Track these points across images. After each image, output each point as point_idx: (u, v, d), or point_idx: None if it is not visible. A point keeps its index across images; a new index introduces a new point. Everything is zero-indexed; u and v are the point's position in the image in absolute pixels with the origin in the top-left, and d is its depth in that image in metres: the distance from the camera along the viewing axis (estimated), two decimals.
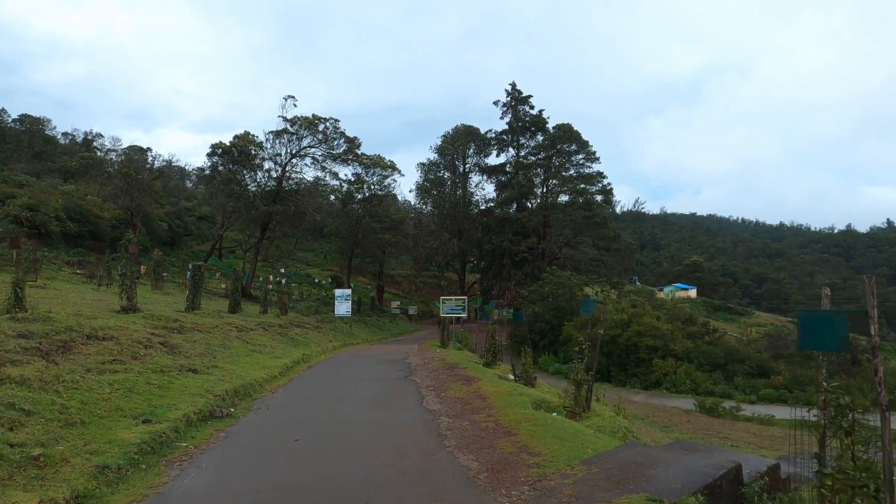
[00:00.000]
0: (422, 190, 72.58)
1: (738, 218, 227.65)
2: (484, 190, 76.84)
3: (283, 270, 58.75)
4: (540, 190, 67.72)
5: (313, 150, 39.25)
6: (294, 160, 39.24)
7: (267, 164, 38.86)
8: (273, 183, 39.44)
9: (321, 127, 38.29)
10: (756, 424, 23.38)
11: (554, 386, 19.32)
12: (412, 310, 53.37)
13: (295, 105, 37.91)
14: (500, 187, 70.50)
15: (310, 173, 41.57)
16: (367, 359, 17.61)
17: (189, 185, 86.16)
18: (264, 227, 39.61)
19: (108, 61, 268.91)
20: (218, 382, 9.67)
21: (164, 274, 38.55)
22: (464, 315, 24.30)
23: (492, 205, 72.09)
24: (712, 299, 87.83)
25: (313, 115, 38.04)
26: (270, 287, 48.41)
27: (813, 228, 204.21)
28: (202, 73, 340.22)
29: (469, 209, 73.08)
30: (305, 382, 11.67)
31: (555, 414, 8.34)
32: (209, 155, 38.01)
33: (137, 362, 9.42)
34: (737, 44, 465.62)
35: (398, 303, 54.00)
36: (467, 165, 73.96)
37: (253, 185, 40.01)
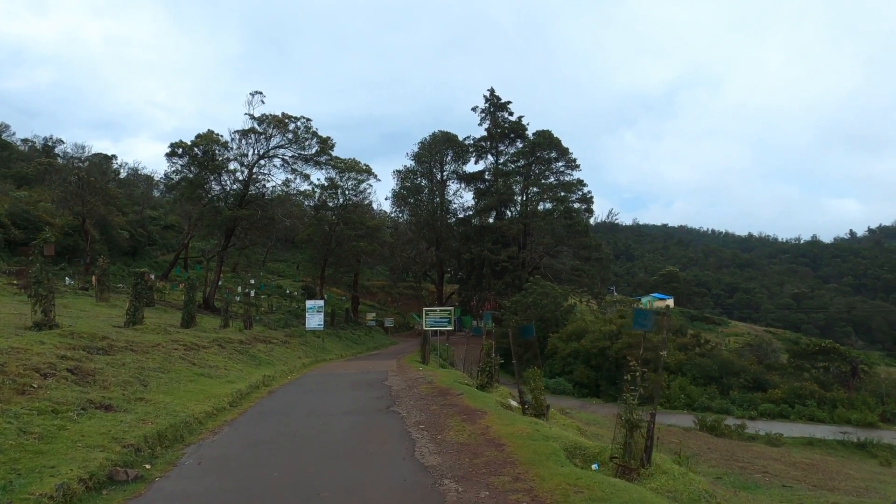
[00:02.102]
0: (398, 197, 70.33)
1: (708, 229, 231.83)
2: (462, 198, 75.12)
3: (252, 281, 55.62)
4: (520, 198, 66.22)
5: (283, 150, 36.58)
6: (262, 161, 36.51)
7: (232, 165, 36.04)
8: (239, 186, 36.59)
9: (292, 126, 35.69)
10: (763, 445, 21.67)
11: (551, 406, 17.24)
12: (388, 322, 50.81)
13: (263, 102, 35.31)
14: (478, 195, 68.80)
15: (279, 176, 38.95)
16: (340, 380, 15.18)
17: (157, 194, 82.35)
18: (229, 233, 36.67)
19: (76, 70, 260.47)
20: (136, 424, 7.19)
21: (120, 285, 35.37)
22: (450, 328, 21.98)
23: (470, 213, 70.32)
24: (689, 309, 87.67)
25: (283, 114, 35.45)
26: (237, 298, 45.52)
27: (780, 239, 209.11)
28: (174, 83, 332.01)
29: (447, 218, 71.09)
30: (260, 417, 9.22)
31: (595, 467, 6.16)
32: (168, 155, 34.93)
33: (22, 399, 6.90)
34: (707, 58, 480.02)
35: (374, 315, 51.46)
36: (445, 173, 72.14)
37: (217, 188, 37.11)
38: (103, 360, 10.18)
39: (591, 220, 68.90)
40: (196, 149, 35.07)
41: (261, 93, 34.70)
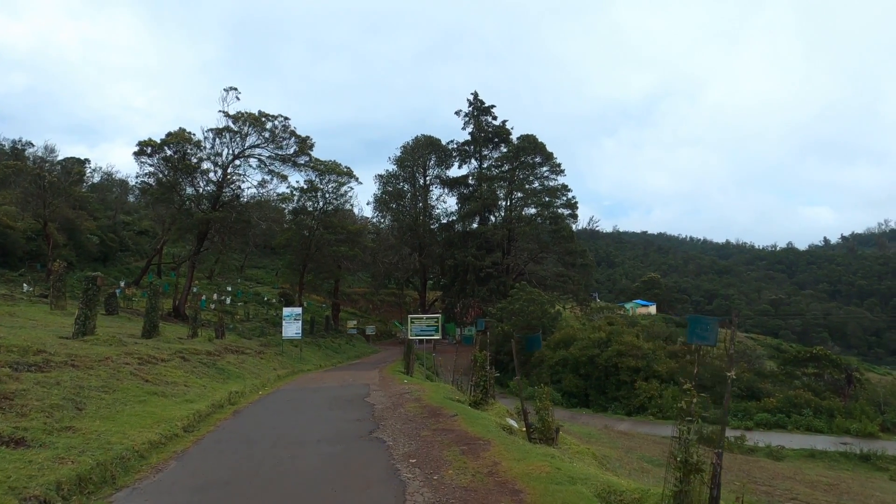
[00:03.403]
0: (380, 202, 68.82)
1: (686, 236, 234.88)
2: (446, 203, 73.96)
3: (229, 288, 53.55)
4: (504, 203, 65.26)
5: (259, 150, 34.86)
6: (237, 161, 34.73)
7: (206, 165, 34.18)
8: (212, 187, 34.74)
9: (269, 125, 34.03)
10: (764, 458, 20.70)
11: (519, 406, 15.85)
12: (370, 330, 49.26)
13: (238, 98, 33.64)
14: (462, 200, 67.67)
15: (255, 176, 37.18)
16: (316, 396, 13.68)
17: (132, 199, 79.66)
18: (202, 237, 34.76)
19: (51, 74, 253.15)
20: (51, 464, 5.68)
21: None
22: (437, 336, 20.56)
23: (454, 218, 69.13)
24: (671, 315, 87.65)
25: (260, 112, 33.78)
26: (212, 306, 43.40)
27: (757, 246, 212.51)
28: (152, 88, 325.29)
29: (430, 223, 69.79)
30: (218, 447, 7.73)
31: None
32: (137, 154, 32.90)
33: None
34: (685, 69, 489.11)
35: (355, 322, 49.82)
36: (428, 177, 70.93)
37: (190, 189, 35.21)
38: (31, 379, 8.58)
39: (573, 227, 68.25)
40: (166, 148, 33.19)
41: (235, 89, 33.07)
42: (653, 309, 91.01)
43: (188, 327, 24.36)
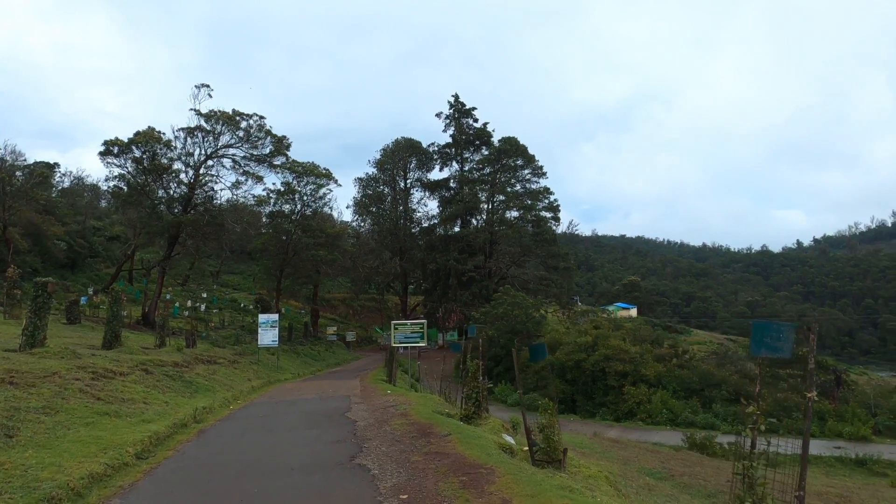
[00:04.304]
0: (360, 206, 67.55)
1: (664, 239, 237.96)
2: (427, 206, 73.15)
3: (204, 295, 51.72)
4: (486, 206, 64.55)
5: (233, 150, 33.42)
6: (210, 162, 33.23)
7: (177, 166, 32.61)
8: (184, 189, 33.17)
9: (243, 124, 32.65)
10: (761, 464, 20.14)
11: (514, 418, 14.93)
12: (350, 336, 47.96)
13: (210, 96, 32.18)
14: (443, 203, 66.78)
15: (229, 177, 35.69)
16: (292, 410, 12.57)
17: (104, 204, 76.99)
18: (172, 241, 33.16)
19: (20, 78, 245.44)
20: None
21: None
22: (422, 343, 19.54)
23: (435, 222, 68.18)
24: (652, 318, 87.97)
25: (234, 111, 32.41)
26: (186, 313, 41.63)
27: (733, 249, 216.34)
28: (126, 92, 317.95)
29: (411, 227, 68.75)
30: (173, 481, 6.61)
31: None
32: (103, 154, 31.20)
33: None
34: (661, 75, 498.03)
35: (335, 328, 48.46)
36: (409, 181, 69.94)
37: (161, 191, 33.58)
38: None
39: (556, 230, 67.87)
40: (135, 148, 31.56)
41: (208, 85, 31.66)
42: (634, 312, 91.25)
43: (156, 336, 22.91)
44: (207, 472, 6.85)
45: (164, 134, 32.06)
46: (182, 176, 32.92)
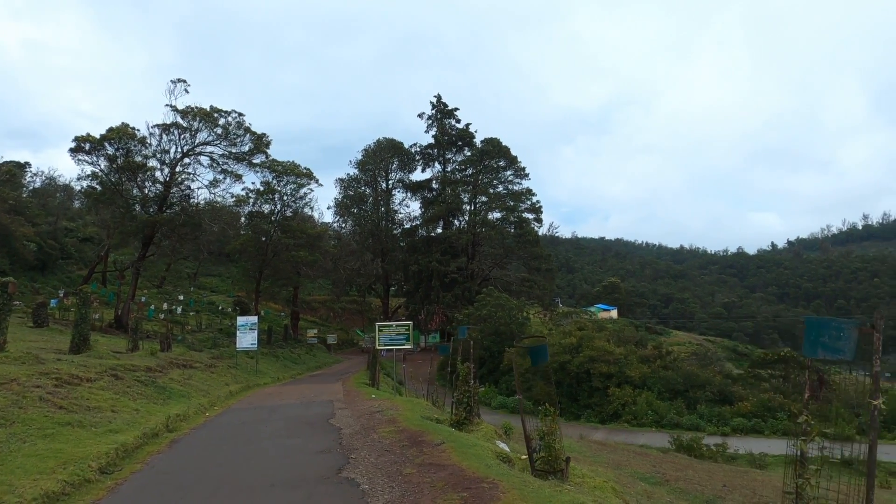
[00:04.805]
0: (341, 207, 66.67)
1: (642, 242, 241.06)
2: (409, 207, 72.49)
3: (181, 297, 50.28)
4: (468, 207, 64.22)
5: (211, 147, 32.43)
6: (186, 160, 32.17)
7: (152, 163, 31.47)
8: (159, 187, 32.05)
9: (221, 121, 31.70)
10: (747, 466, 20.05)
11: (506, 423, 14.57)
12: (331, 339, 47.11)
13: (186, 91, 31.15)
14: (425, 204, 66.26)
15: (207, 176, 34.62)
16: (273, 417, 11.93)
17: (77, 204, 74.66)
18: (147, 241, 31.99)
19: None
20: None
21: (17, 303, 29.95)
22: (408, 346, 18.97)
23: (417, 223, 67.61)
24: (632, 319, 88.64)
25: (211, 107, 31.45)
26: (162, 315, 40.34)
27: (710, 251, 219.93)
28: (101, 92, 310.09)
29: (393, 228, 68.08)
30: (138, 499, 5.99)
31: None
32: (73, 151, 29.94)
33: None
34: (639, 79, 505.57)
35: (315, 331, 47.58)
36: (390, 181, 69.31)
37: (135, 189, 32.40)
38: None
39: (538, 231, 67.83)
40: (107, 145, 30.39)
41: (184, 80, 30.62)
42: (614, 313, 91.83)
43: (129, 340, 21.95)
44: (178, 489, 6.24)
45: (138, 131, 30.98)
46: (157, 174, 31.84)
